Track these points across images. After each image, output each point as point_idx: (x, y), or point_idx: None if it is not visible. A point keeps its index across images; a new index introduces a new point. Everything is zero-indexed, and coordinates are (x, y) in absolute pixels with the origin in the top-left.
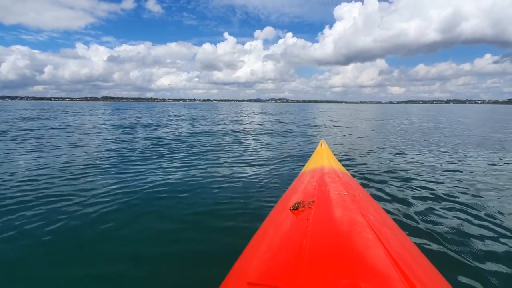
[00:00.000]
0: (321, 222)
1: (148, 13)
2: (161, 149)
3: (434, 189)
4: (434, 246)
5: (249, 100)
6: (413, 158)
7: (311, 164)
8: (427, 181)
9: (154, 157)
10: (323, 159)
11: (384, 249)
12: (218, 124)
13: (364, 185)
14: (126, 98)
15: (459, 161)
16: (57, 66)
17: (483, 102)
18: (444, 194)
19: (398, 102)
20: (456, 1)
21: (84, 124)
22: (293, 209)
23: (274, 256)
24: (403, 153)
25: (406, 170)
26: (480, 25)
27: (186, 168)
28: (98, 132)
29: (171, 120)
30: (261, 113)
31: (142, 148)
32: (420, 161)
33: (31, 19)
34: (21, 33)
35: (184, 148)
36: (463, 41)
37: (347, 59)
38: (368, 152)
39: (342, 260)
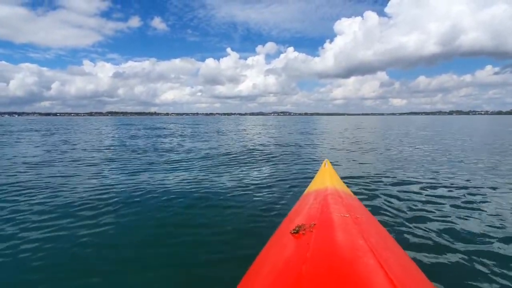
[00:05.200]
0: (321, 247)
1: (153, 30)
2: (157, 164)
3: (443, 211)
4: (441, 272)
5: (252, 114)
6: (423, 177)
7: (315, 185)
8: (435, 202)
9: (152, 174)
10: (326, 179)
11: (385, 275)
12: (220, 143)
13: (368, 206)
14: (131, 113)
15: (483, 186)
16: (64, 83)
17: (486, 112)
18: (456, 217)
19: (400, 114)
20: (454, 14)
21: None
22: (294, 232)
23: (273, 282)
24: (412, 172)
25: (414, 190)
26: (479, 37)
27: (183, 187)
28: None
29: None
30: (264, 128)
31: (138, 162)
32: (433, 181)
33: (40, 38)
34: (29, 51)
35: (181, 167)
36: (462, 53)
37: (348, 72)
38: (374, 171)
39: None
